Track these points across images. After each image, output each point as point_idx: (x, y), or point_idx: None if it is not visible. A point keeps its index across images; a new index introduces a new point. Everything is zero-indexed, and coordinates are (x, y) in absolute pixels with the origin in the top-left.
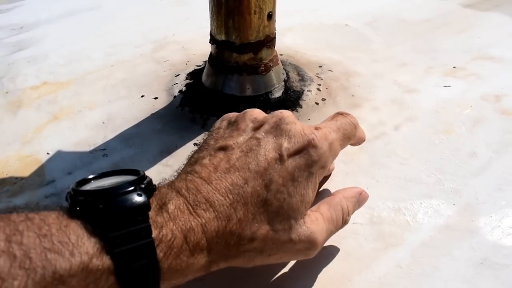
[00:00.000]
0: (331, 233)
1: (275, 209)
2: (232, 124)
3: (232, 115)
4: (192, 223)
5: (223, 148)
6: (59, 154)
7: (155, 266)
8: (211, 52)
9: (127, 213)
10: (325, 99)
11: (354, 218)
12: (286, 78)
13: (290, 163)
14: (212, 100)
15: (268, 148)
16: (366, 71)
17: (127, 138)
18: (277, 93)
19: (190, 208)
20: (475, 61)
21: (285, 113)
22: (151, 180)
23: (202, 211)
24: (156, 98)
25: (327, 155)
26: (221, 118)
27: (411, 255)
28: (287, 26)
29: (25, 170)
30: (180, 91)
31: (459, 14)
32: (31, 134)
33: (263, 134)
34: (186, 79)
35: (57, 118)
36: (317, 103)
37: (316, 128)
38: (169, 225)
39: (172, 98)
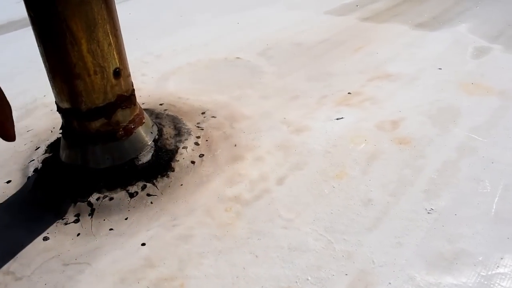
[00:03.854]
0: None
1: None
2: None
3: None
4: None
5: None
6: None
7: None
8: (62, 122)
9: None
10: (203, 155)
11: None
12: (157, 136)
13: None
14: (68, 178)
15: None
16: (253, 111)
17: None
18: (145, 158)
19: None
20: (371, 82)
21: None
22: None
23: None
24: (9, 181)
25: None
26: None
27: None
28: (173, 68)
29: None
30: (36, 170)
31: (357, 29)
32: None
33: None
34: (46, 152)
35: None
36: (193, 162)
37: None
38: None
39: (26, 179)
